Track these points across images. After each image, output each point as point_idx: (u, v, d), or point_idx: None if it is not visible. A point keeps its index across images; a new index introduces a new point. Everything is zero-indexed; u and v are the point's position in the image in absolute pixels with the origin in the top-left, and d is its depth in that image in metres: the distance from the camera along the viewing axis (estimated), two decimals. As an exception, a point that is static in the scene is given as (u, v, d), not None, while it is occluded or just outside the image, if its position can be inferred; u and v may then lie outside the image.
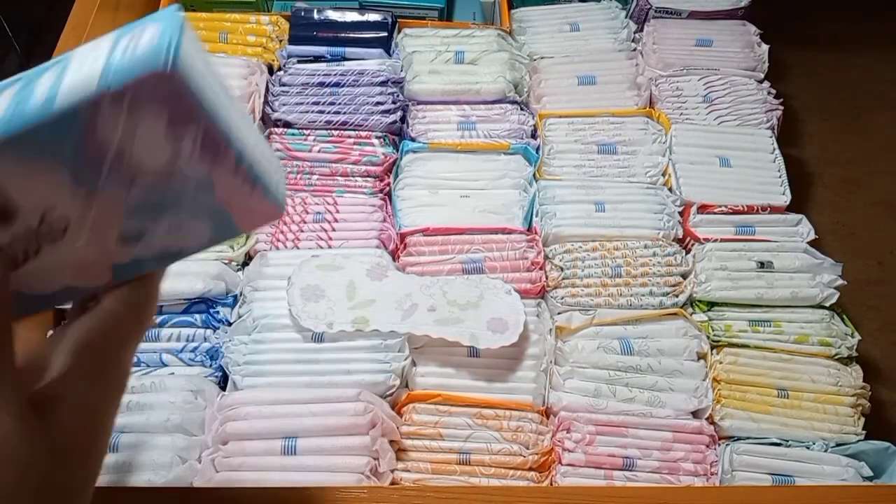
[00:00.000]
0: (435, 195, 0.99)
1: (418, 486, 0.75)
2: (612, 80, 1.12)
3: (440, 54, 1.11)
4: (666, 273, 0.92)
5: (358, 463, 0.74)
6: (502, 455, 0.78)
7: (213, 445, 0.76)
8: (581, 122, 1.07)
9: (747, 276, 0.92)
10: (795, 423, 0.84)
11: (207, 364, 0.83)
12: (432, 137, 1.04)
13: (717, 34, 1.18)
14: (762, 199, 0.99)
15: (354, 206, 0.97)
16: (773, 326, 0.90)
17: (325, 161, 1.00)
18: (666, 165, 1.02)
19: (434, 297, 0.86)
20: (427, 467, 0.78)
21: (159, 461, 0.73)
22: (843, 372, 0.88)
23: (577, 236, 0.95)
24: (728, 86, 1.12)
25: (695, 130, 1.06)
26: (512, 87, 1.08)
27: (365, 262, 0.90)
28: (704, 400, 0.83)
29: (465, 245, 0.92)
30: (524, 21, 1.22)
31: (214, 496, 0.65)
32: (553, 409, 0.83)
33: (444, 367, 0.84)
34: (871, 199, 1.42)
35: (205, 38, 1.10)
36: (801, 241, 0.97)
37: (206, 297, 0.85)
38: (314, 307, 0.84)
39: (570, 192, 0.98)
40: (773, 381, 0.86)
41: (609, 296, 0.90)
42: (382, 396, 0.80)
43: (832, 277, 0.93)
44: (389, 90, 1.05)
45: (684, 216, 0.99)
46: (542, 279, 0.90)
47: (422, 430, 0.79)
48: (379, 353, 0.82)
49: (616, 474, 0.79)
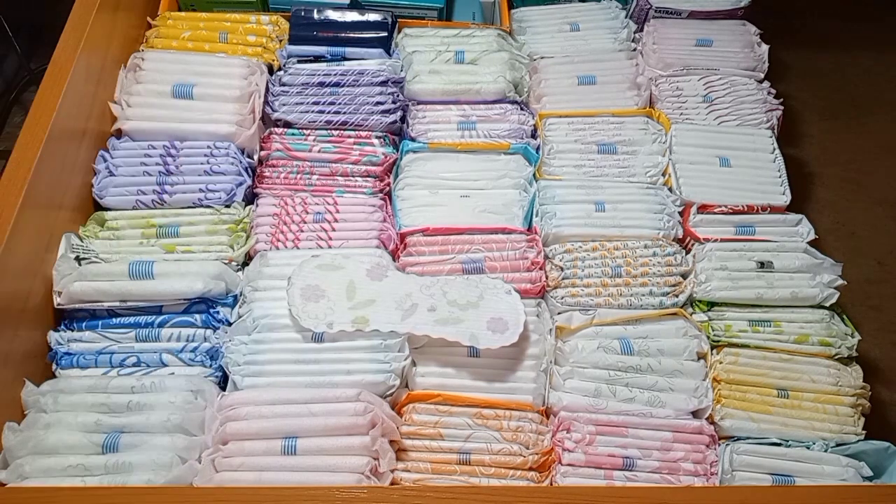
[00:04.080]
0: (435, 195, 0.99)
1: (418, 486, 0.75)
2: (612, 80, 1.12)
3: (440, 54, 1.11)
4: (666, 273, 0.92)
5: (358, 463, 0.73)
6: (502, 455, 0.78)
7: (213, 445, 0.76)
8: (581, 122, 1.07)
9: (747, 276, 0.92)
10: (795, 423, 0.84)
11: (207, 364, 0.83)
12: (432, 137, 1.04)
13: (717, 34, 1.18)
14: (762, 199, 0.99)
15: (354, 206, 0.97)
16: (773, 326, 0.90)
17: (325, 161, 1.00)
18: (666, 165, 1.02)
19: (434, 297, 0.86)
20: (427, 467, 0.78)
21: (159, 461, 0.73)
22: (843, 372, 0.88)
23: (577, 236, 0.95)
24: (728, 86, 1.12)
25: (695, 130, 1.06)
26: (512, 87, 1.08)
27: (365, 262, 0.90)
28: (704, 400, 0.83)
29: (465, 245, 0.92)
30: (524, 21, 1.22)
31: (214, 496, 0.65)
32: (553, 409, 0.83)
33: (444, 367, 0.84)
34: (871, 199, 1.42)
35: (205, 38, 1.10)
36: (801, 241, 0.97)
37: (206, 297, 0.85)
38: (314, 307, 0.84)
39: (570, 191, 0.98)
40: (773, 381, 0.86)
41: (609, 296, 0.90)
42: (382, 396, 0.80)
43: (832, 277, 0.93)
44: (389, 90, 1.05)
45: (684, 216, 0.99)
46: (542, 279, 0.90)
47: (422, 430, 0.79)
48: (379, 353, 0.82)
49: (616, 474, 0.79)
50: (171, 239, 0.92)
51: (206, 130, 0.98)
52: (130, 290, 0.84)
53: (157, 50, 1.07)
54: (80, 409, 0.77)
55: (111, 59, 1.02)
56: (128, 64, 1.04)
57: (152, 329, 0.84)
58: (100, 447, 0.74)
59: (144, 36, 1.11)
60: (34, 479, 0.72)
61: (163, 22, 1.12)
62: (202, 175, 0.96)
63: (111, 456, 0.74)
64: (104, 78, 1.00)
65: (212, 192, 0.94)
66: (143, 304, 0.85)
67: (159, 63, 1.04)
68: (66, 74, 0.90)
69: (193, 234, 0.92)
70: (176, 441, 0.75)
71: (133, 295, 0.84)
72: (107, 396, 0.78)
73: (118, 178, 0.95)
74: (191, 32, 1.10)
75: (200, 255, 0.90)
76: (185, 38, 1.09)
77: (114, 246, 0.91)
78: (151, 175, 0.95)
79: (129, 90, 1.01)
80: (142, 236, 0.92)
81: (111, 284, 0.84)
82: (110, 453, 0.74)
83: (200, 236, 0.92)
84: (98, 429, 0.75)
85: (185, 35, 1.09)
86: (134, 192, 0.94)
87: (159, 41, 1.09)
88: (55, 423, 0.75)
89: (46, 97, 0.88)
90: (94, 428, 0.75)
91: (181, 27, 1.11)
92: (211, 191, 0.94)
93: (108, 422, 0.76)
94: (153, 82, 1.01)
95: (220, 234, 0.92)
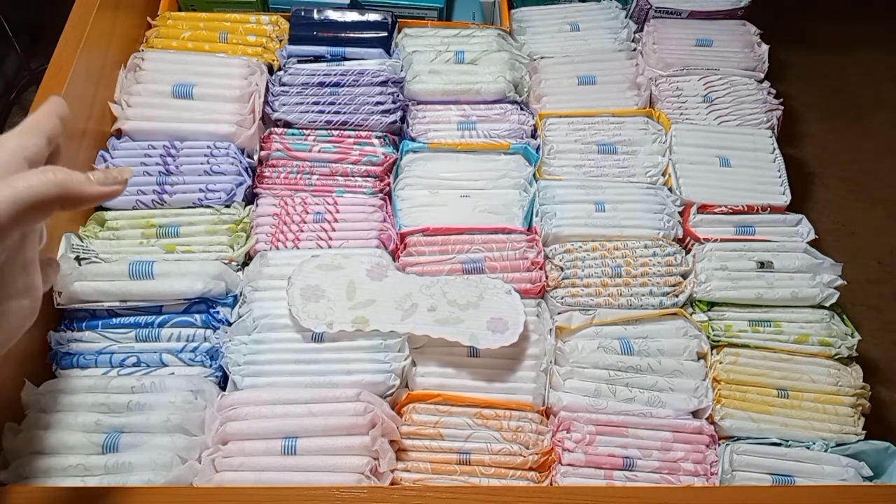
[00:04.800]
0: (435, 195, 0.99)
1: (418, 486, 0.75)
2: (612, 80, 1.12)
3: (440, 54, 1.11)
4: (666, 273, 0.92)
5: (358, 463, 0.73)
6: (502, 455, 0.78)
7: (213, 445, 0.76)
8: (581, 122, 1.07)
9: (747, 276, 0.92)
10: (795, 423, 0.84)
11: (207, 364, 0.83)
12: (432, 137, 1.04)
13: (717, 34, 1.18)
14: (762, 199, 0.99)
15: (354, 206, 0.97)
16: (773, 326, 0.90)
17: (325, 161, 1.00)
18: (666, 165, 1.02)
19: (434, 297, 0.86)
20: (427, 467, 0.78)
21: (159, 461, 0.73)
22: (843, 372, 0.88)
23: (577, 236, 0.95)
24: (728, 86, 1.12)
25: (695, 130, 1.06)
26: (512, 87, 1.08)
27: (365, 262, 0.90)
28: (704, 400, 0.83)
29: (465, 245, 0.92)
30: (524, 21, 1.22)
31: (214, 496, 0.65)
32: (553, 409, 0.83)
33: (444, 367, 0.84)
34: (871, 199, 1.42)
35: (205, 38, 1.10)
36: (801, 241, 0.97)
37: (206, 297, 0.85)
38: (314, 307, 0.84)
39: (570, 191, 0.98)
40: (773, 381, 0.86)
41: (609, 296, 0.90)
42: (382, 396, 0.80)
43: (832, 277, 0.93)
44: (389, 90, 1.05)
45: (684, 216, 0.99)
46: (542, 279, 0.90)
47: (422, 430, 0.79)
48: (379, 353, 0.82)
49: (616, 474, 0.79)
50: (171, 239, 0.92)
51: (206, 130, 0.98)
52: (130, 290, 0.84)
53: (157, 50, 1.07)
54: (80, 409, 0.77)
55: (111, 59, 1.02)
56: (128, 64, 1.04)
57: (152, 329, 0.84)
58: (100, 447, 0.74)
59: (144, 36, 1.11)
60: (34, 479, 0.72)
61: (163, 22, 1.12)
62: (202, 175, 0.96)
63: (111, 456, 0.74)
64: (104, 78, 1.00)
65: (212, 192, 0.94)
66: (143, 304, 0.84)
67: (159, 63, 1.04)
68: (66, 74, 0.90)
69: (193, 234, 0.92)
70: (176, 441, 0.75)
71: (133, 295, 0.84)
72: (107, 396, 0.78)
73: (118, 178, 0.95)
74: (191, 32, 1.10)
75: (200, 255, 0.90)
76: (185, 38, 1.09)
77: (114, 246, 0.91)
78: (151, 175, 0.95)
79: (129, 90, 1.01)
80: (142, 236, 0.92)
81: (111, 284, 0.84)
82: (110, 453, 0.74)
83: (200, 236, 0.92)
84: (98, 429, 0.75)
85: (185, 35, 1.09)
86: (134, 192, 0.94)
87: (159, 41, 1.09)
88: (55, 424, 0.75)
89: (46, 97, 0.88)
90: (94, 428, 0.75)
91: (181, 27, 1.11)
92: (211, 191, 0.94)
93: (108, 422, 0.76)
94: (153, 82, 1.01)
95: (220, 234, 0.92)
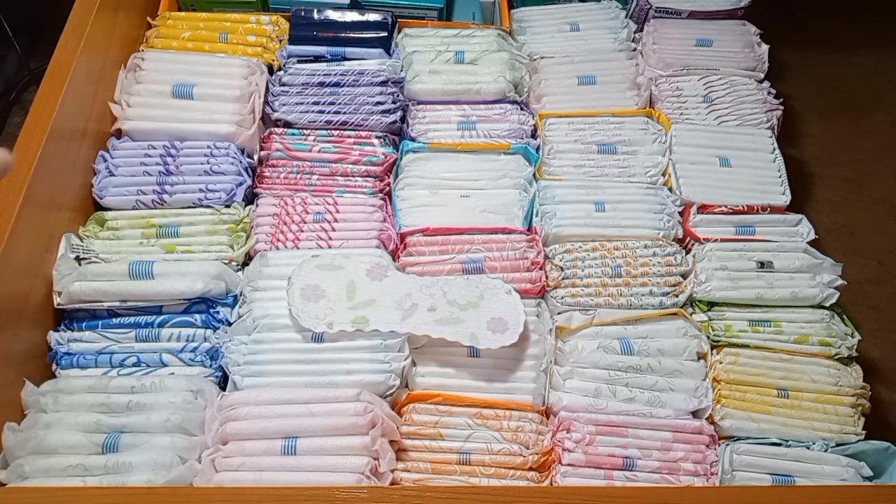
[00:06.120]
0: (435, 195, 0.99)
1: (418, 486, 0.75)
2: (612, 80, 1.12)
3: (440, 54, 1.11)
4: (666, 273, 0.92)
5: (358, 463, 0.73)
6: (502, 455, 0.78)
7: (213, 445, 0.76)
8: (581, 122, 1.07)
9: (747, 276, 0.92)
10: (795, 423, 0.84)
11: (207, 364, 0.83)
12: (432, 137, 1.04)
13: (717, 34, 1.18)
14: (762, 199, 0.99)
15: (354, 206, 0.97)
16: (774, 326, 0.90)
17: (325, 161, 1.00)
18: (666, 165, 1.02)
19: (434, 297, 0.86)
20: (427, 467, 0.78)
21: (159, 461, 0.73)
22: (843, 372, 0.88)
23: (577, 236, 0.95)
24: (728, 86, 1.12)
25: (695, 130, 1.06)
26: (512, 87, 1.08)
27: (365, 262, 0.90)
28: (704, 400, 0.83)
29: (465, 245, 0.92)
30: (524, 21, 1.22)
31: (214, 496, 0.65)
32: (553, 409, 0.83)
33: (444, 367, 0.84)
34: (871, 199, 1.42)
35: (205, 38, 1.10)
36: (801, 241, 0.97)
37: (206, 297, 0.85)
38: (314, 307, 0.84)
39: (570, 191, 0.98)
40: (773, 381, 0.86)
41: (609, 296, 0.90)
42: (382, 396, 0.80)
43: (832, 277, 0.93)
44: (389, 90, 1.05)
45: (684, 216, 0.99)
46: (542, 279, 0.90)
47: (422, 430, 0.79)
48: (379, 353, 0.82)
49: (616, 474, 0.79)
50: (171, 239, 0.92)
51: (206, 130, 0.98)
52: (130, 290, 0.84)
53: (157, 50, 1.07)
54: (80, 409, 0.77)
55: (111, 59, 1.02)
56: (128, 64, 1.04)
57: (152, 329, 0.84)
58: (100, 447, 0.74)
59: (144, 36, 1.11)
60: (34, 479, 0.72)
61: (163, 22, 1.12)
62: (202, 175, 0.96)
63: (111, 456, 0.74)
64: (104, 78, 1.00)
65: (212, 192, 0.94)
66: (143, 304, 0.84)
67: (159, 63, 1.04)
68: (66, 74, 0.90)
69: (193, 234, 0.92)
70: (176, 441, 0.75)
71: (133, 295, 0.84)
72: (107, 396, 0.78)
73: (118, 178, 0.95)
74: (191, 32, 1.10)
75: (200, 255, 0.90)
76: (185, 38, 1.09)
77: (114, 246, 0.91)
78: (151, 175, 0.95)
79: (129, 90, 1.01)
80: (142, 236, 0.92)
81: (111, 284, 0.84)
82: (110, 453, 0.74)
83: (200, 236, 0.92)
84: (98, 429, 0.75)
85: (185, 35, 1.09)
86: (134, 192, 0.94)
87: (159, 41, 1.09)
88: (55, 423, 0.75)
89: (46, 97, 0.88)
90: (94, 428, 0.75)
91: (181, 27, 1.11)
92: (211, 191, 0.94)
93: (108, 422, 0.76)
94: (153, 82, 1.01)
95: (220, 234, 0.92)
